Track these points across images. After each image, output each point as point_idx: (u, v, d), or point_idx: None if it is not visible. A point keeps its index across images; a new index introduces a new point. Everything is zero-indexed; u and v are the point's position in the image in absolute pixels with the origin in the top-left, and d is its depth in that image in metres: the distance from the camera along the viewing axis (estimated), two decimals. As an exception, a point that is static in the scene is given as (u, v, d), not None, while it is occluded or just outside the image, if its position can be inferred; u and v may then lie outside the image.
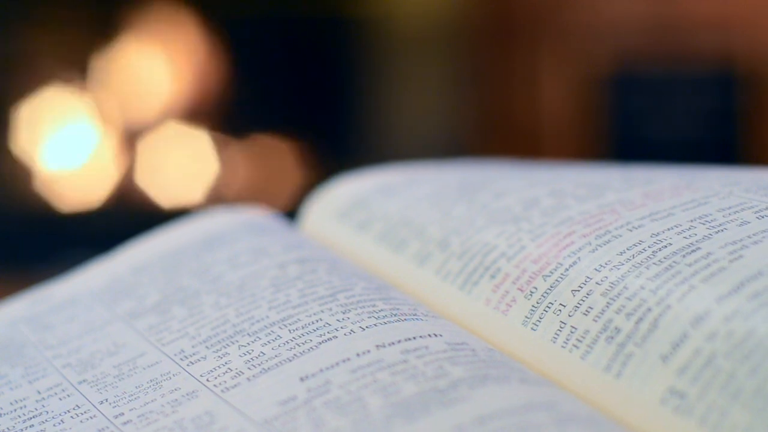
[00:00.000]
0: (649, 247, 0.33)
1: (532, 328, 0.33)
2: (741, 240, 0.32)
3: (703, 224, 0.34)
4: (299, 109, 1.76)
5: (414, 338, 0.32)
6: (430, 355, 0.31)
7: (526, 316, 0.34)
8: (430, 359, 0.31)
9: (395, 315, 0.34)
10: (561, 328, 0.32)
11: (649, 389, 0.29)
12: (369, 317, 0.34)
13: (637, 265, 0.33)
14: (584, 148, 1.67)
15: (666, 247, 0.33)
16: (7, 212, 1.65)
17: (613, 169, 0.41)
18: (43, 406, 0.34)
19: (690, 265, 0.32)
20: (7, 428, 0.33)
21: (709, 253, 0.32)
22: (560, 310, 0.33)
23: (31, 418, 0.33)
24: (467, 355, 0.31)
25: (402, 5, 1.71)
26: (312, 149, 1.72)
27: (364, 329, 0.33)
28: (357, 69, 1.73)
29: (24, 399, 0.34)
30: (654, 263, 0.32)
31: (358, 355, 0.31)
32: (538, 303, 0.34)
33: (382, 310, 0.34)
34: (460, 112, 1.74)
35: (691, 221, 0.34)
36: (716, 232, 0.33)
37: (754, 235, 0.32)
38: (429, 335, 0.32)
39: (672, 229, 0.34)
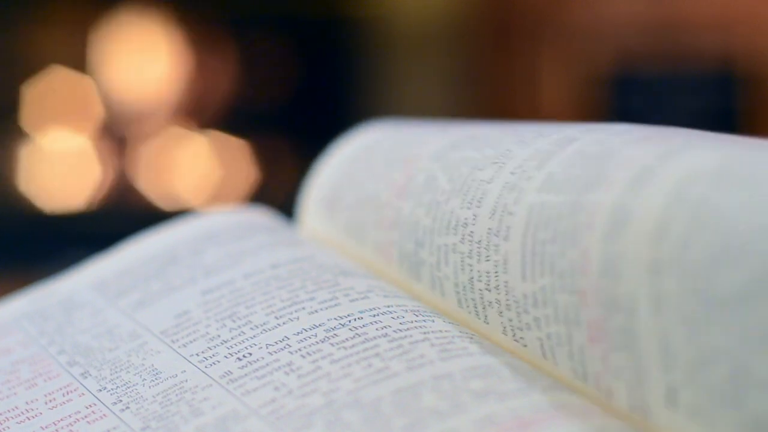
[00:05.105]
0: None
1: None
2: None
3: None
4: (299, 109, 1.76)
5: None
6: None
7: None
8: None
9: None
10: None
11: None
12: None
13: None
14: (584, 148, 1.67)
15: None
16: (6, 212, 1.65)
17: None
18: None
19: None
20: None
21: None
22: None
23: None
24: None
25: (402, 5, 1.71)
26: (312, 149, 1.71)
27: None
28: (357, 69, 1.73)
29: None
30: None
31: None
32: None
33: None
34: (460, 113, 1.74)
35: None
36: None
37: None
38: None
39: None
